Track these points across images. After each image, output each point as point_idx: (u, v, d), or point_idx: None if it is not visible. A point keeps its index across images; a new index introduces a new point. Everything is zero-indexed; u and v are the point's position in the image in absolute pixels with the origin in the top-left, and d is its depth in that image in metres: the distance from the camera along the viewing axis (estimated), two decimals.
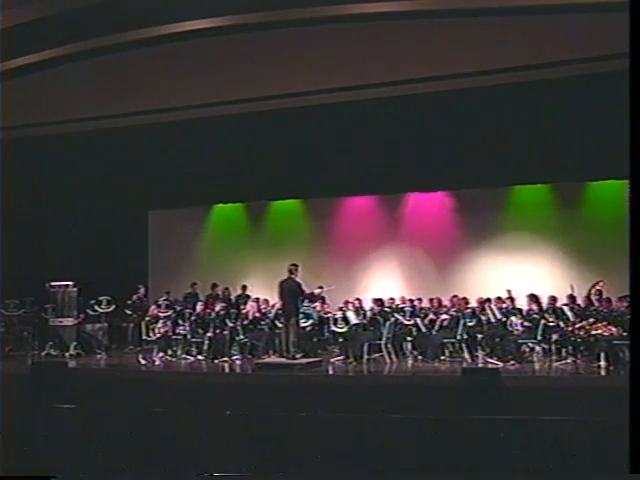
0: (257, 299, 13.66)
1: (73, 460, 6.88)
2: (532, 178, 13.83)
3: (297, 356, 11.30)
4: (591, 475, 6.34)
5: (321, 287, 14.11)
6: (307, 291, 11.64)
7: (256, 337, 12.57)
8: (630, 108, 5.46)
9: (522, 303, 12.40)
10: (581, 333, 10.88)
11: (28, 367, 11.21)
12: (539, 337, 11.46)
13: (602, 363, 10.31)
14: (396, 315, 12.50)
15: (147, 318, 13.32)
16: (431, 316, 12.48)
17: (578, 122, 11.70)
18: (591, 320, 10.89)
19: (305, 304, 12.91)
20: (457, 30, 10.74)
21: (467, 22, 10.73)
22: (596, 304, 11.46)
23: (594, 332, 10.65)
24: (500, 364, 10.83)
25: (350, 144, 13.16)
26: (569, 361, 11.00)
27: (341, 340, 12.35)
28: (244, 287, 14.88)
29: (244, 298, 14.34)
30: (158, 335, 12.86)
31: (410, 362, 11.96)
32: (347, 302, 13.27)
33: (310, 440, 7.18)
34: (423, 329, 12.26)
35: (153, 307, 13.56)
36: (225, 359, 12.18)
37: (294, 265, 11.55)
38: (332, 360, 12.04)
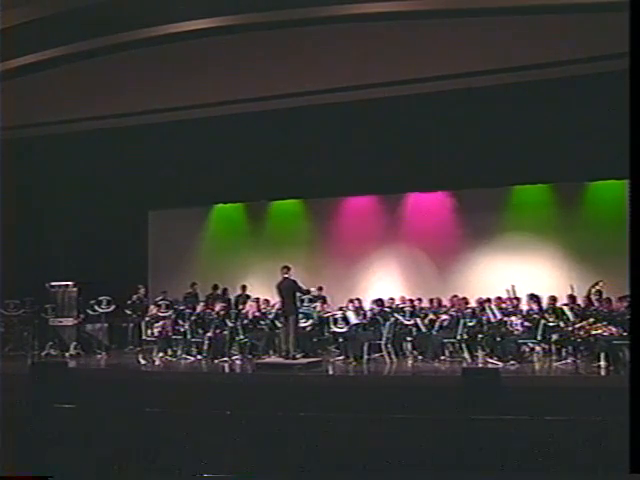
0: (257, 299, 13.66)
1: (73, 460, 6.88)
2: (532, 178, 13.85)
3: (297, 356, 11.30)
4: (591, 475, 6.35)
5: (321, 288, 14.19)
6: (304, 287, 11.66)
7: (256, 337, 12.57)
8: (630, 108, 5.47)
9: (522, 303, 12.40)
10: (581, 333, 10.88)
11: (28, 367, 11.21)
12: (539, 337, 11.46)
13: (602, 363, 10.31)
14: (396, 315, 12.50)
15: (147, 318, 13.31)
16: (431, 316, 12.48)
17: (578, 122, 11.70)
18: (591, 320, 10.88)
19: (305, 304, 12.93)
20: (457, 30, 10.74)
21: (467, 22, 10.72)
22: (596, 304, 11.44)
23: (594, 332, 10.64)
24: (500, 364, 10.82)
25: (350, 144, 13.16)
26: (569, 361, 10.99)
27: (341, 340, 12.35)
28: (244, 287, 14.88)
29: (244, 298, 14.35)
30: (158, 335, 12.85)
31: (410, 362, 11.96)
32: (351, 301, 13.26)
33: (310, 440, 7.18)
34: (423, 329, 12.26)
35: (152, 307, 13.56)
36: (225, 359, 12.19)
37: (286, 267, 11.61)
38: (332, 360, 12.05)
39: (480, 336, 11.75)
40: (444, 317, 12.26)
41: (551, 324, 11.44)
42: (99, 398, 9.29)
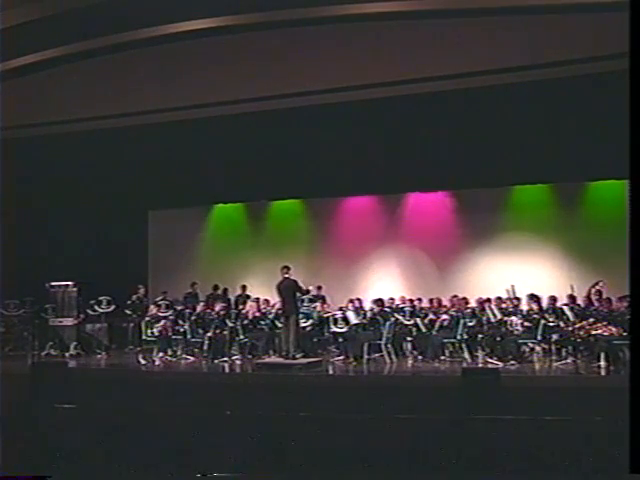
0: (257, 299, 13.67)
1: (73, 460, 6.88)
2: (532, 178, 13.85)
3: (297, 356, 11.30)
4: (591, 475, 6.34)
5: (320, 287, 14.18)
6: (304, 287, 11.69)
7: (256, 337, 12.57)
8: (630, 108, 5.46)
9: (522, 303, 12.40)
10: (581, 333, 10.88)
11: (28, 367, 11.21)
12: (539, 337, 11.47)
13: (602, 363, 10.31)
14: (396, 315, 12.51)
15: (147, 318, 13.31)
16: (431, 316, 12.48)
17: (578, 122, 11.70)
18: (591, 320, 10.89)
19: (305, 304, 12.93)
20: (457, 30, 10.74)
21: (467, 22, 10.73)
22: (596, 304, 11.45)
23: (594, 332, 10.64)
24: (500, 364, 10.83)
25: (350, 144, 13.16)
26: (569, 361, 11.00)
27: (341, 340, 12.35)
28: (244, 287, 14.89)
29: (244, 298, 14.35)
30: (158, 335, 12.84)
31: (410, 362, 11.97)
32: (351, 301, 13.26)
33: (310, 440, 7.18)
34: (423, 329, 12.26)
35: (152, 307, 13.56)
36: (225, 359, 12.19)
37: (286, 267, 11.63)
38: (332, 360, 12.05)
39: (480, 336, 11.76)
40: (444, 317, 12.26)
41: (551, 324, 11.45)
42: (99, 398, 9.29)
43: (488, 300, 12.50)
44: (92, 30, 11.82)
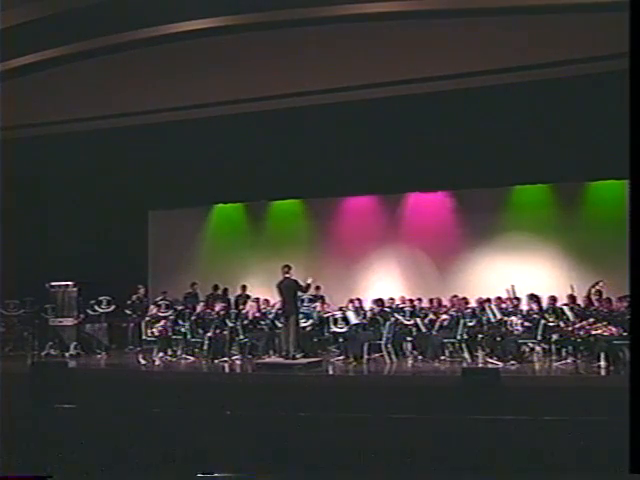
0: (257, 299, 13.66)
1: (73, 460, 6.87)
2: (532, 178, 13.85)
3: (297, 356, 11.30)
4: (591, 475, 6.34)
5: (318, 287, 14.17)
6: (304, 285, 11.68)
7: (256, 337, 12.57)
8: (630, 108, 5.46)
9: (522, 303, 12.40)
10: (581, 333, 10.88)
11: (28, 367, 11.21)
12: (539, 337, 11.47)
13: (602, 363, 10.32)
14: (396, 315, 12.51)
15: (147, 318, 13.31)
16: (431, 316, 12.48)
17: (578, 122, 11.70)
18: (591, 320, 10.89)
19: (305, 304, 12.93)
20: (457, 30, 10.74)
21: (467, 22, 10.73)
22: (596, 304, 11.45)
23: (594, 332, 10.65)
24: (500, 364, 10.83)
25: (350, 144, 13.16)
26: (569, 361, 11.00)
27: (341, 340, 12.35)
28: (244, 287, 14.89)
29: (244, 298, 14.35)
30: (158, 335, 12.84)
31: (410, 362, 11.97)
32: (351, 301, 13.27)
33: (310, 440, 7.18)
34: (423, 329, 12.26)
35: (152, 307, 13.56)
36: (225, 359, 12.19)
37: (287, 266, 11.62)
38: (332, 360, 12.05)
39: (480, 336, 11.76)
40: (444, 317, 12.27)
41: (551, 324, 11.45)
42: (99, 398, 9.29)
43: (488, 300, 12.50)
44: (92, 30, 11.82)
